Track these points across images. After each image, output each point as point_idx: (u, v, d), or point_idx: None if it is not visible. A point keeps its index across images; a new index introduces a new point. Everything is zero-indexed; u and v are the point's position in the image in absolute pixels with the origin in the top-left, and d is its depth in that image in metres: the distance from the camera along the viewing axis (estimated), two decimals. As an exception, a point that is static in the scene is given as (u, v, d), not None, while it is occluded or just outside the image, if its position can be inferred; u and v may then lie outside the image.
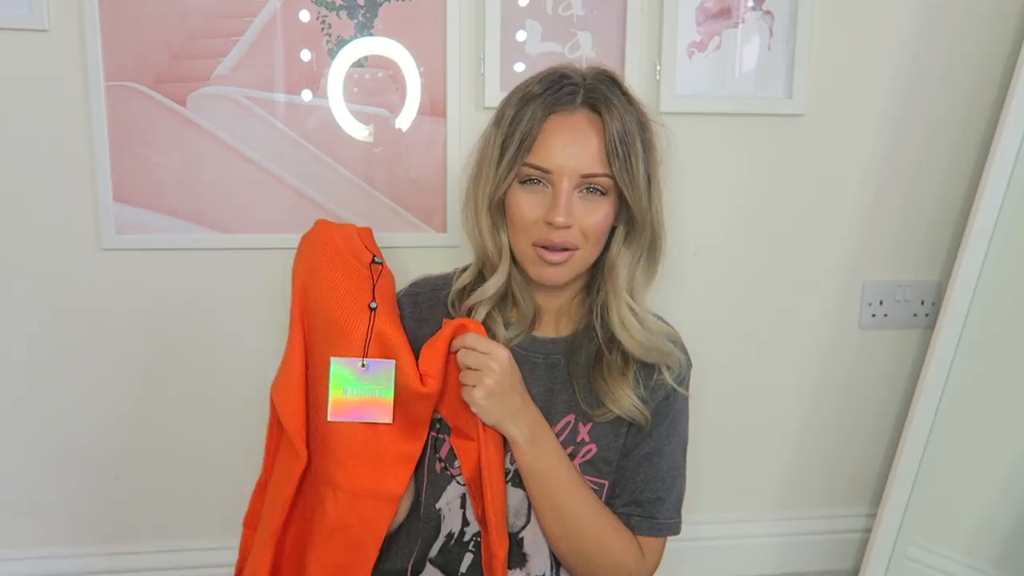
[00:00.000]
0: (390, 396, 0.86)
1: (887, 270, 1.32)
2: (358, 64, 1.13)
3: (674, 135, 0.93)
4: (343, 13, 1.11)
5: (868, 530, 1.33)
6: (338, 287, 0.87)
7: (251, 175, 1.13)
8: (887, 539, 1.23)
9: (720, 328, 1.28)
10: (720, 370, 1.27)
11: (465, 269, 0.96)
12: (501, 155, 0.85)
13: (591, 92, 0.84)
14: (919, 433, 1.21)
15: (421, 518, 0.92)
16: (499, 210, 0.88)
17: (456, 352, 0.85)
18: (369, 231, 0.96)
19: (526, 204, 0.85)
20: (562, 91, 0.84)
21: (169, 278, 1.14)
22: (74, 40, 1.06)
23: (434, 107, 1.15)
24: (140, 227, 1.11)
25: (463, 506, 0.91)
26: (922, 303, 1.33)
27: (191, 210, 1.12)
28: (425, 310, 0.94)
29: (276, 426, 0.93)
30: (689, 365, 0.96)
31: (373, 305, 0.86)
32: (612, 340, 0.90)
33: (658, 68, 1.17)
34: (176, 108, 1.10)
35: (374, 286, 0.88)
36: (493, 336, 0.91)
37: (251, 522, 0.96)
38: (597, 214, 0.84)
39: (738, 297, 1.28)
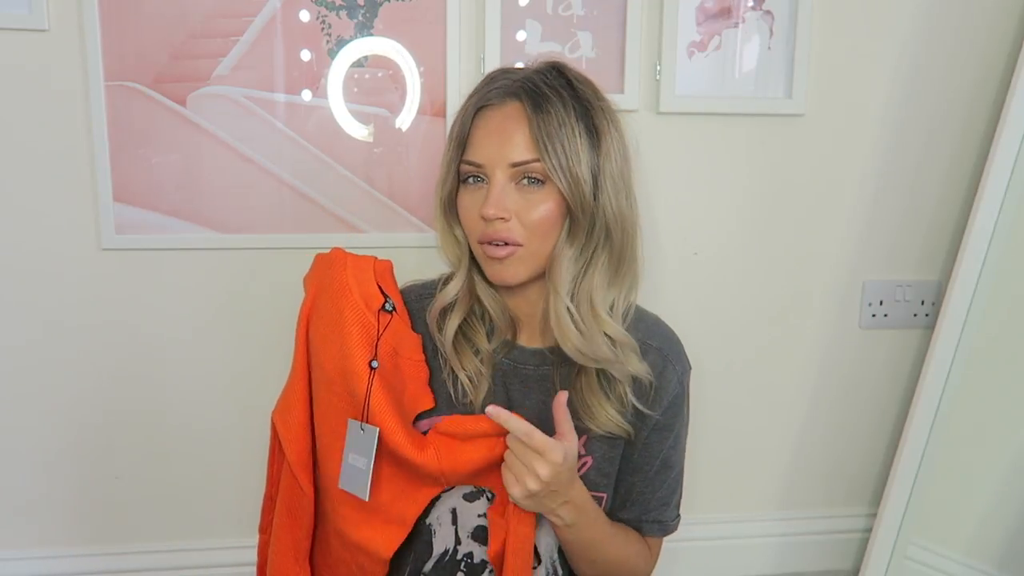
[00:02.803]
0: (369, 467, 0.81)
1: (887, 270, 1.32)
2: (358, 64, 1.13)
3: (639, 133, 0.92)
4: (343, 13, 1.11)
5: (868, 530, 1.33)
6: (342, 336, 0.82)
7: (251, 175, 1.13)
8: (887, 539, 1.23)
9: (720, 328, 1.28)
10: (720, 370, 1.27)
11: (450, 277, 0.94)
12: (446, 156, 0.87)
13: (522, 83, 0.82)
14: (919, 433, 1.21)
15: (411, 533, 0.91)
16: (454, 213, 0.88)
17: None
18: (388, 266, 0.90)
19: (468, 202, 0.84)
20: (493, 85, 0.84)
21: (169, 278, 1.14)
22: (74, 40, 1.06)
23: (434, 107, 1.15)
24: (140, 227, 1.11)
25: (454, 522, 0.90)
26: (922, 303, 1.33)
27: (191, 210, 1.12)
28: (412, 323, 0.93)
29: (278, 448, 0.91)
30: (687, 368, 0.95)
31: (374, 364, 0.82)
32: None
33: (658, 68, 1.17)
34: (176, 108, 1.10)
35: (377, 341, 0.83)
36: (475, 348, 0.89)
37: (267, 528, 0.96)
38: (538, 207, 0.81)
39: (738, 297, 1.28)
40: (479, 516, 0.89)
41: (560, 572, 0.92)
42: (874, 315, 1.32)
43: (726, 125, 1.22)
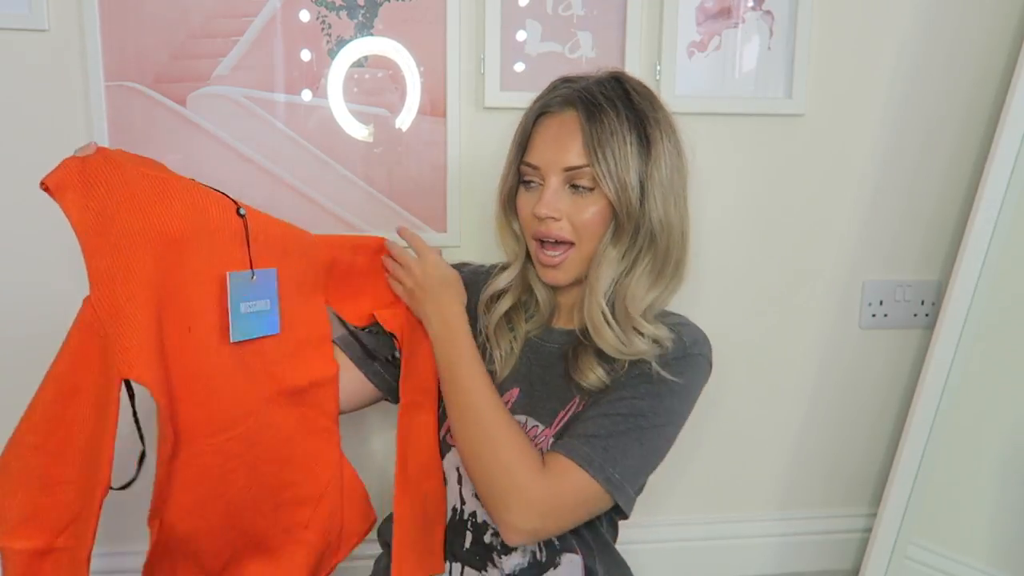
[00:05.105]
0: (275, 304, 0.86)
1: (887, 270, 1.32)
2: (358, 64, 1.13)
3: (692, 140, 0.94)
4: (343, 13, 1.11)
5: (868, 530, 1.33)
6: (185, 194, 0.79)
7: (251, 175, 1.13)
8: (887, 539, 1.23)
9: (720, 328, 1.28)
10: (720, 370, 1.27)
11: (505, 267, 1.00)
12: (509, 156, 0.93)
13: (581, 92, 0.87)
14: (919, 433, 1.21)
15: None
16: (513, 209, 0.94)
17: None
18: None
19: (524, 201, 0.91)
20: (555, 92, 0.89)
21: (169, 278, 1.14)
22: (74, 40, 1.06)
23: (434, 107, 1.15)
24: (140, 227, 1.11)
25: (459, 482, 0.93)
26: (922, 303, 1.33)
27: (191, 210, 1.12)
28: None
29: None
30: (700, 357, 0.92)
31: (242, 212, 0.83)
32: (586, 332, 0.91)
33: (658, 68, 1.17)
34: (176, 108, 1.10)
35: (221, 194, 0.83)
36: (513, 330, 0.96)
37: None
38: (588, 209, 0.86)
39: (738, 297, 1.28)
40: None
41: (543, 551, 0.92)
42: (874, 315, 1.32)
43: (726, 125, 1.22)
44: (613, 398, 0.86)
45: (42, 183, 0.73)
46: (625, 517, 0.92)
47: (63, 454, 0.76)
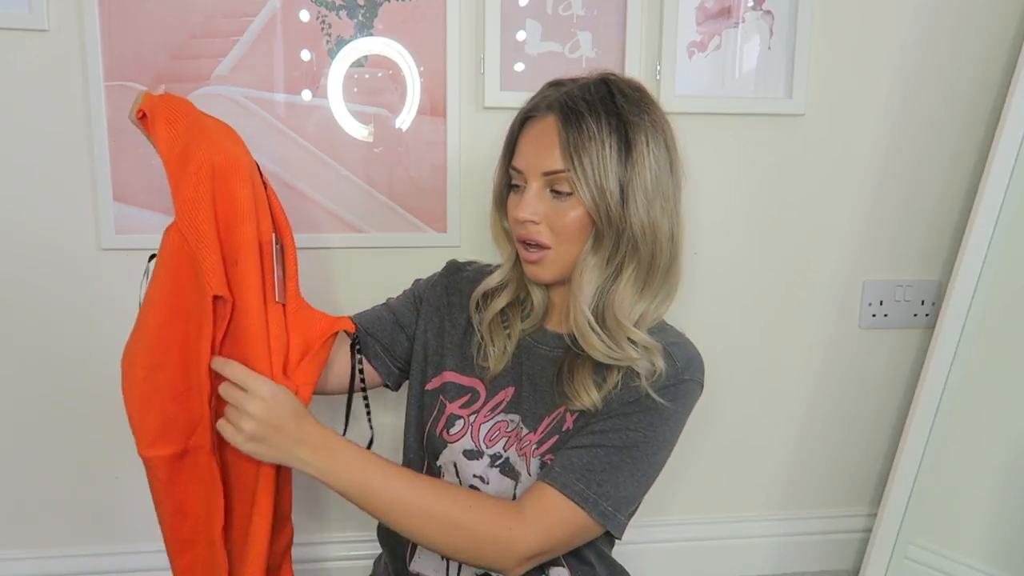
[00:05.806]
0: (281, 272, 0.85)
1: (887, 270, 1.32)
2: (358, 64, 1.13)
3: (691, 141, 0.93)
4: (343, 13, 1.11)
5: (868, 530, 1.33)
6: (220, 139, 0.79)
7: (251, 175, 1.13)
8: (887, 539, 1.23)
9: (720, 328, 1.28)
10: (720, 370, 1.27)
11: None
12: (499, 159, 0.93)
13: (563, 97, 0.86)
14: (919, 433, 1.21)
15: (425, 471, 0.95)
16: (504, 210, 0.94)
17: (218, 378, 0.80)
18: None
19: (511, 204, 0.90)
20: (541, 96, 0.89)
21: (169, 278, 1.14)
22: (74, 40, 1.06)
23: (434, 107, 1.15)
24: (140, 227, 1.11)
25: (457, 475, 0.92)
26: (922, 303, 1.33)
27: (191, 210, 1.12)
28: (464, 284, 0.98)
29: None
30: (693, 382, 0.90)
31: (265, 183, 0.84)
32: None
33: (658, 68, 1.17)
34: (176, 108, 1.10)
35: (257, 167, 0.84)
36: (508, 329, 0.93)
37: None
38: (568, 214, 0.85)
39: (738, 297, 1.28)
40: (474, 476, 0.91)
41: None
42: (874, 315, 1.32)
43: (726, 125, 1.22)
44: (607, 427, 0.85)
45: (139, 110, 0.77)
46: (618, 538, 0.91)
47: (181, 367, 0.82)
